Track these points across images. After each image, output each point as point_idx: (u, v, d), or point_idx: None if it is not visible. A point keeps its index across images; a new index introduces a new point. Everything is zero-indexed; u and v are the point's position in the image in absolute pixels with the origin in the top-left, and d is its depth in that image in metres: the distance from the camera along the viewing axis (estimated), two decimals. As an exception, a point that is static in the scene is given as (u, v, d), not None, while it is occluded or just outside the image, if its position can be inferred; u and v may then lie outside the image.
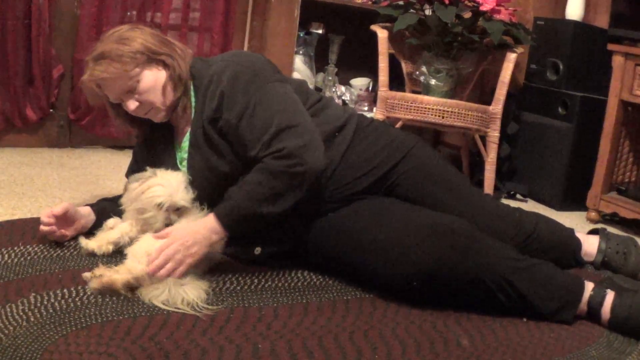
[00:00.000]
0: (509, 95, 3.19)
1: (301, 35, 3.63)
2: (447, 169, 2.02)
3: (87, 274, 1.62)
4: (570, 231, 2.16)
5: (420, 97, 3.05)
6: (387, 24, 3.26)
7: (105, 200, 1.99)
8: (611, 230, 2.33)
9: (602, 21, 3.50)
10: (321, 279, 1.84)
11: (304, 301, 1.70)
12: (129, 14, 3.16)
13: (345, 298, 1.74)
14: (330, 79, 3.71)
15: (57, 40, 3.08)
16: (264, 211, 1.68)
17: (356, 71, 3.91)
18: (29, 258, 1.74)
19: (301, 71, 3.61)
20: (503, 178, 3.46)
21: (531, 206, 3.27)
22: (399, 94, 3.10)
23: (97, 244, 1.80)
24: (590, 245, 2.16)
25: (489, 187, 3.12)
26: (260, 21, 3.49)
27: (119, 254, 1.78)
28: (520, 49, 3.15)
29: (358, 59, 3.85)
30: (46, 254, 1.78)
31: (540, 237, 2.02)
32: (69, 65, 3.13)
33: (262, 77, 1.79)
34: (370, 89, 3.88)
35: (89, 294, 1.57)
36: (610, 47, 3.04)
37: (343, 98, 3.76)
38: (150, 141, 1.96)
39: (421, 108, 3.01)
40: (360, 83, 3.88)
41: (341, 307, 1.68)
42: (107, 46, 1.79)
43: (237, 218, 1.69)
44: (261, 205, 1.68)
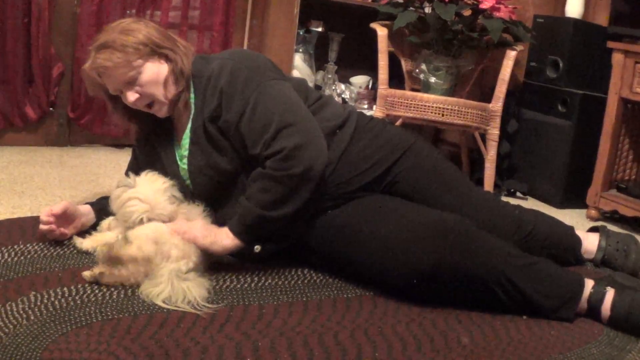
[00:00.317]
0: (509, 93, 3.19)
1: (301, 33, 3.63)
2: (446, 166, 2.02)
3: (86, 272, 1.62)
4: (570, 229, 2.16)
5: (420, 94, 3.05)
6: (387, 22, 3.26)
7: (105, 199, 1.98)
8: (611, 227, 2.33)
9: (601, 19, 3.50)
10: (321, 277, 1.84)
11: (304, 299, 1.69)
12: (128, 12, 3.16)
13: (345, 296, 1.74)
14: (330, 77, 3.71)
15: (56, 39, 3.08)
16: (276, 215, 1.70)
17: (356, 69, 3.90)
18: (28, 257, 1.74)
19: (301, 69, 3.61)
20: (503, 176, 3.46)
21: (531, 204, 3.27)
22: (398, 92, 3.10)
23: (92, 245, 1.79)
24: (590, 243, 2.16)
25: (488, 185, 3.13)
26: (259, 19, 3.48)
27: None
28: (520, 47, 3.15)
29: (358, 57, 3.85)
30: (46, 252, 1.78)
31: (540, 234, 2.02)
32: (68, 63, 3.13)
33: (261, 75, 1.78)
34: (370, 86, 3.88)
35: (89, 292, 1.57)
36: (610, 44, 3.03)
37: (343, 96, 3.76)
38: (149, 139, 1.96)
39: (421, 106, 3.01)
40: (360, 81, 3.88)
41: (341, 305, 1.68)
42: (111, 36, 1.78)
43: (248, 224, 1.71)
44: (271, 210, 1.70)
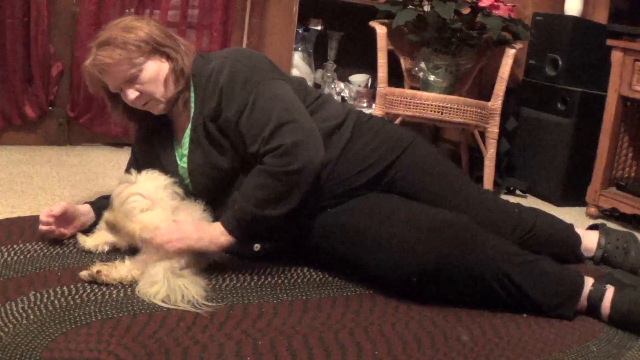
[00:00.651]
0: (508, 91, 3.19)
1: (300, 31, 3.63)
2: (446, 164, 2.02)
3: (83, 272, 1.62)
4: (570, 227, 2.16)
5: (419, 93, 3.05)
6: (386, 20, 3.26)
7: (105, 198, 1.98)
8: (611, 225, 2.34)
9: (601, 16, 3.50)
10: (321, 276, 1.84)
11: (303, 298, 1.69)
12: (127, 11, 3.16)
13: (345, 294, 1.74)
14: (329, 75, 3.71)
15: (56, 38, 3.08)
16: (270, 214, 1.68)
17: (355, 67, 3.90)
18: (28, 256, 1.74)
19: (300, 68, 3.61)
20: (502, 174, 3.45)
21: (530, 202, 3.27)
22: (398, 90, 3.10)
23: (94, 243, 1.80)
24: (589, 241, 2.16)
25: (488, 183, 3.13)
26: (258, 18, 3.48)
27: (115, 252, 1.78)
28: (519, 45, 3.15)
29: (357, 56, 3.85)
30: (45, 251, 1.78)
31: (539, 232, 2.02)
32: (68, 63, 3.13)
33: (260, 74, 1.78)
34: (369, 85, 3.87)
35: (88, 291, 1.57)
36: (609, 42, 3.03)
37: (342, 94, 3.76)
38: (149, 138, 1.96)
39: (420, 104, 3.01)
40: (359, 79, 3.88)
41: (341, 304, 1.68)
42: (113, 33, 1.78)
43: (244, 223, 1.69)
44: (265, 209, 1.67)
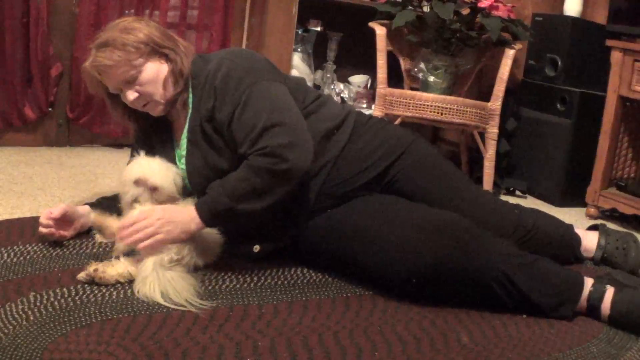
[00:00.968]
0: (508, 92, 3.19)
1: (299, 32, 3.62)
2: (445, 165, 2.02)
3: (81, 274, 1.61)
4: (570, 227, 2.16)
5: (418, 94, 3.05)
6: (386, 21, 3.26)
7: (104, 199, 1.99)
8: (610, 226, 2.33)
9: (600, 17, 3.50)
10: (321, 277, 1.84)
11: (303, 299, 1.69)
12: (127, 12, 3.16)
13: (344, 295, 1.74)
14: (328, 76, 3.71)
15: (55, 39, 3.08)
16: (243, 208, 1.67)
17: (354, 68, 3.90)
18: (28, 257, 1.74)
19: (299, 68, 3.61)
20: (502, 174, 3.46)
21: (530, 202, 3.27)
22: (397, 91, 3.10)
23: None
24: (589, 241, 2.16)
25: (487, 184, 3.13)
26: (258, 18, 3.48)
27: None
28: (518, 45, 3.16)
29: (356, 56, 3.85)
30: (45, 253, 1.78)
31: (539, 233, 2.02)
32: (67, 63, 3.13)
33: (255, 76, 1.78)
34: (368, 86, 3.87)
35: (88, 292, 1.57)
36: (609, 42, 3.03)
37: (341, 95, 3.76)
38: (149, 139, 1.96)
39: (420, 105, 3.01)
40: (358, 80, 3.88)
41: (341, 305, 1.68)
42: (112, 34, 1.78)
43: (216, 213, 1.67)
44: (240, 202, 1.66)
